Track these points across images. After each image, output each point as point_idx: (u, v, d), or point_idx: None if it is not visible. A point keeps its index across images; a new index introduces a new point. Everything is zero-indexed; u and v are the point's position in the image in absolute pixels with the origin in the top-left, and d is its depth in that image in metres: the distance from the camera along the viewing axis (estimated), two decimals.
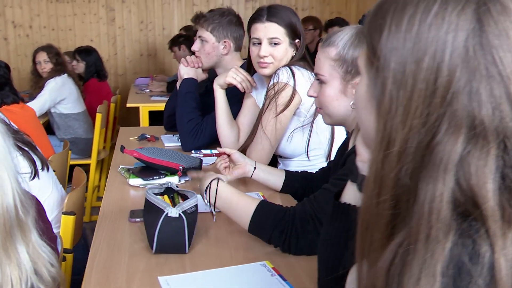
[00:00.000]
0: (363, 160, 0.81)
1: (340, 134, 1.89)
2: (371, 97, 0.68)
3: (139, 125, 3.74)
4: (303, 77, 1.79)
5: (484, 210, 0.53)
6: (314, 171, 1.69)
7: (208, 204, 1.26)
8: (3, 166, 0.83)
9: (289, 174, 1.63)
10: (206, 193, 1.26)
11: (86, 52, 4.19)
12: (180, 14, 5.83)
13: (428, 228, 0.54)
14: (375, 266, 0.60)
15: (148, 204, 1.24)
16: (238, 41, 2.25)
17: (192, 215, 1.18)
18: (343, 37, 1.25)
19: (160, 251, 1.16)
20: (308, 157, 1.86)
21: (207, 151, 2.09)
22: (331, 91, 1.28)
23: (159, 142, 2.36)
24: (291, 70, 1.79)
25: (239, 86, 1.95)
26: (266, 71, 1.86)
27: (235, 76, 1.94)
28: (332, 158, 1.86)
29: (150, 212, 1.21)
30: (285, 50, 1.85)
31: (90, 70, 4.15)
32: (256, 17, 1.87)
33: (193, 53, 4.82)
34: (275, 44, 1.83)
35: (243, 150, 1.90)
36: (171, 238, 1.15)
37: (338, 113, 1.30)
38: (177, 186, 1.35)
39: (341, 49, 1.24)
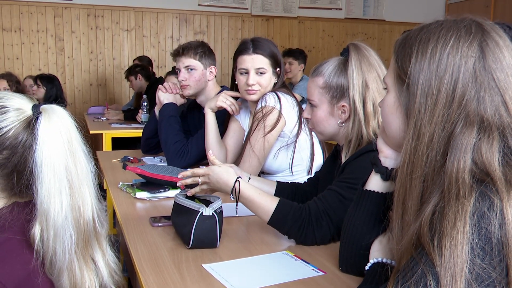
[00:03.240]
0: (386, 155, 1.07)
1: (318, 151, 2.15)
2: (399, 105, 0.95)
3: (101, 150, 3.83)
4: (287, 102, 2.04)
5: (493, 177, 0.79)
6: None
7: (235, 200, 1.45)
8: (85, 184, 0.96)
9: (279, 184, 1.82)
10: (232, 193, 1.45)
11: (48, 79, 4.25)
12: (130, 45, 5.97)
13: (457, 190, 0.80)
14: (415, 222, 0.84)
15: (178, 207, 1.42)
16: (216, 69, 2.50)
17: (221, 214, 1.37)
18: (328, 67, 1.51)
19: (195, 246, 1.33)
20: (292, 172, 2.09)
21: None
22: (321, 113, 1.53)
23: (142, 163, 2.50)
24: (277, 95, 2.03)
25: (228, 109, 2.17)
26: (254, 97, 2.10)
27: (225, 100, 2.16)
28: (313, 171, 2.11)
29: (181, 213, 1.39)
30: (269, 78, 2.10)
31: (49, 96, 4.21)
32: (242, 50, 2.10)
33: (150, 81, 4.93)
34: (261, 73, 2.08)
35: None
36: (205, 234, 1.33)
37: (328, 131, 1.55)
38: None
39: (327, 78, 1.50)
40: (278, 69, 2.12)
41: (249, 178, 1.77)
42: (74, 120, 1.00)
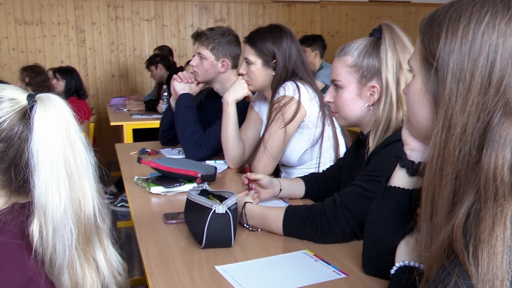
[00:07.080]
0: (412, 148, 0.97)
1: (341, 141, 2.04)
2: (426, 92, 0.84)
3: (122, 142, 3.80)
4: (308, 92, 1.93)
5: None
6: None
7: (247, 226, 1.42)
8: (85, 177, 0.89)
9: (307, 181, 1.73)
10: (243, 219, 1.41)
11: (67, 72, 4.23)
12: (150, 35, 5.93)
13: (495, 190, 0.69)
14: (447, 226, 0.74)
15: (191, 204, 1.34)
16: (235, 60, 2.38)
17: (235, 211, 1.29)
18: (358, 47, 1.42)
19: (208, 245, 1.26)
20: (319, 165, 1.97)
21: (211, 162, 2.20)
22: (348, 94, 1.43)
23: (160, 155, 2.44)
24: (297, 84, 1.93)
25: (251, 95, 2.10)
26: (250, 87, 2.06)
27: (246, 86, 2.08)
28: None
29: (194, 211, 1.32)
30: (258, 70, 2.00)
31: (69, 89, 4.20)
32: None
33: (171, 71, 4.88)
34: (248, 63, 2.02)
35: (249, 163, 2.00)
36: (218, 233, 1.25)
37: (354, 115, 1.45)
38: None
39: (357, 57, 1.41)
40: (274, 61, 1.99)
41: (280, 190, 1.68)
42: (72, 110, 0.93)
